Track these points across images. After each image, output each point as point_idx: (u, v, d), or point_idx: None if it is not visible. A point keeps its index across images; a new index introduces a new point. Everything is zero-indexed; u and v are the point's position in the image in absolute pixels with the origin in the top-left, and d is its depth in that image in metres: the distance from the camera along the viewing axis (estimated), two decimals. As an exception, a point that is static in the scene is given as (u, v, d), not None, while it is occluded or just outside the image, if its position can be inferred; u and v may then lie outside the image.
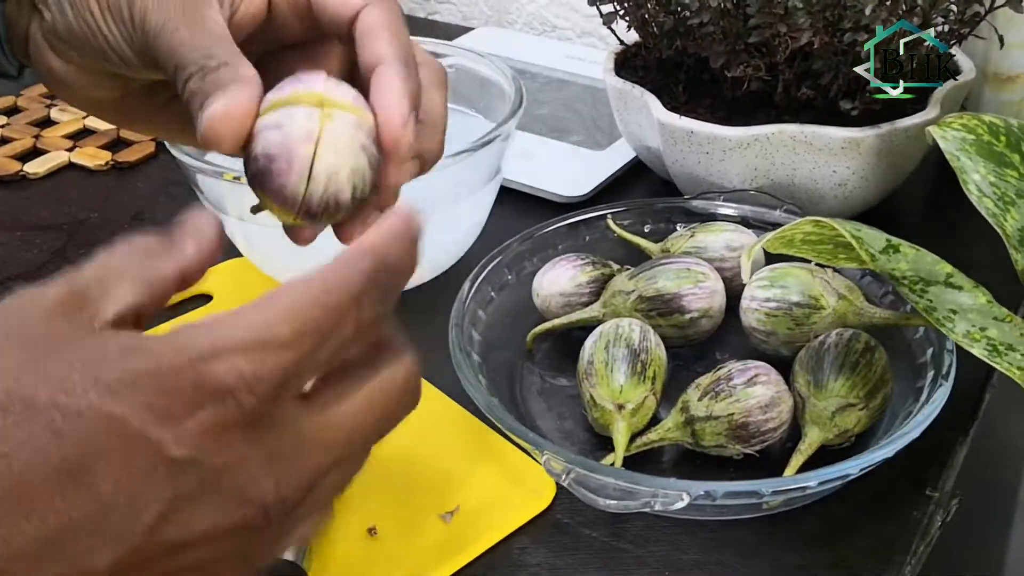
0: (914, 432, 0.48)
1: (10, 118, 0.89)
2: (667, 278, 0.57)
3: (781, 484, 0.47)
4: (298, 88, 0.34)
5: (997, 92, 0.74)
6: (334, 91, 0.34)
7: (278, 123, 0.34)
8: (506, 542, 0.49)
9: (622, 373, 0.52)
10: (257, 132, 0.34)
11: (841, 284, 0.56)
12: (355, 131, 0.34)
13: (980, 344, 0.45)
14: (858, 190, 0.65)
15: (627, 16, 0.69)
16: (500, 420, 0.49)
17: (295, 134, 0.33)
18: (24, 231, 0.74)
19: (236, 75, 0.35)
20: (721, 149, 0.64)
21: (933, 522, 0.50)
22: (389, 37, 0.36)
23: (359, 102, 0.35)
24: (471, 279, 0.59)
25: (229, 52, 0.36)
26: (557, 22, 1.05)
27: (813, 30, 0.60)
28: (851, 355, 0.51)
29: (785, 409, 0.51)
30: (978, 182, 0.52)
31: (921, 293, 0.46)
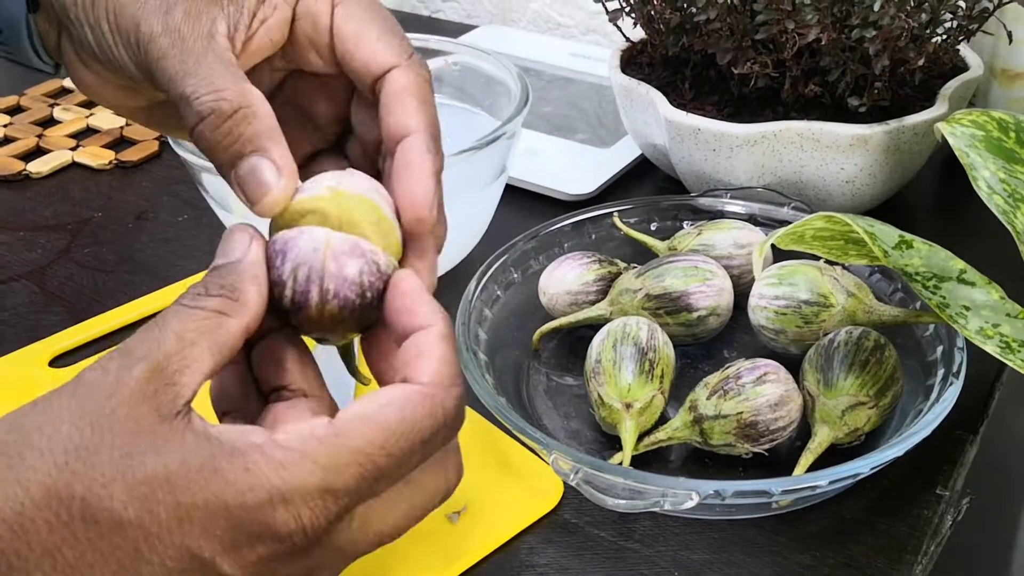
0: (925, 431, 0.48)
1: (13, 117, 0.88)
2: (674, 276, 0.57)
3: (791, 483, 0.46)
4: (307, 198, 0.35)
5: (1006, 88, 0.73)
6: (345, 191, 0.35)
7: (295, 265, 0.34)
8: (513, 542, 0.49)
9: (630, 372, 0.52)
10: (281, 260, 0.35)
11: (850, 282, 0.56)
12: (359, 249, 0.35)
13: (993, 341, 0.45)
14: (866, 187, 0.65)
15: (633, 13, 0.69)
16: (507, 419, 0.49)
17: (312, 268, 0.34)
18: (27, 231, 0.74)
19: (262, 141, 0.35)
20: (728, 146, 0.64)
21: (944, 521, 0.50)
22: (417, 106, 0.36)
23: (372, 193, 0.35)
24: (477, 278, 0.58)
25: (237, 88, 0.35)
26: (561, 19, 1.05)
27: (821, 26, 0.59)
28: (861, 353, 0.51)
29: (794, 408, 0.50)
30: (988, 179, 0.52)
31: (934, 290, 0.46)
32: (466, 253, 0.65)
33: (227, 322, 0.32)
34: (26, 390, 0.58)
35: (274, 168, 0.35)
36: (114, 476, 0.29)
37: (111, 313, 0.64)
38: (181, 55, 0.35)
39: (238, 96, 0.35)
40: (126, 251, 0.71)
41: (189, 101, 0.35)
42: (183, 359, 0.31)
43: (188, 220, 0.74)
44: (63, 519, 0.29)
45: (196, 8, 0.36)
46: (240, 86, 0.35)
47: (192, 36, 0.36)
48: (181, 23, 0.36)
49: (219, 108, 0.35)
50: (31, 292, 0.68)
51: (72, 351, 0.62)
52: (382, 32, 0.37)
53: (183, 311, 0.32)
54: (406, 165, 0.36)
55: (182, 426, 0.30)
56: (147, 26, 0.36)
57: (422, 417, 0.32)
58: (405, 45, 0.37)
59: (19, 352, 0.61)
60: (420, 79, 0.37)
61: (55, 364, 0.61)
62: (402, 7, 1.14)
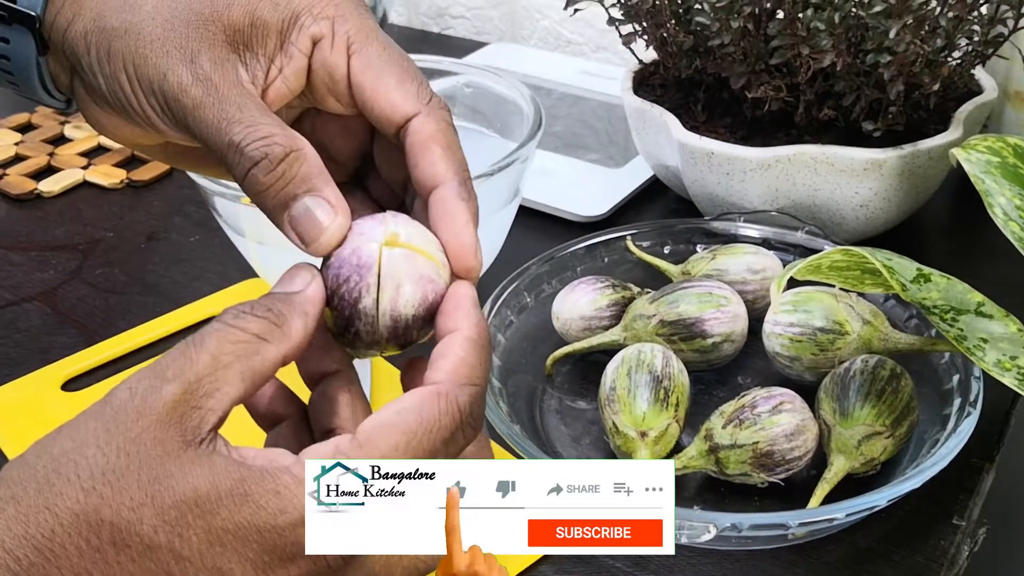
0: (942, 463, 0.47)
1: (24, 135, 0.88)
2: (689, 302, 0.57)
3: (807, 516, 0.46)
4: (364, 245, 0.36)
5: (1019, 111, 0.73)
6: (402, 235, 0.36)
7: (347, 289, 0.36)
8: (529, 572, 0.48)
9: (644, 400, 0.52)
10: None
11: (865, 309, 0.55)
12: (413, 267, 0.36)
13: (1011, 373, 0.45)
14: (880, 211, 0.65)
15: (646, 35, 0.69)
16: (521, 449, 0.49)
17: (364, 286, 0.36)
18: (39, 251, 0.74)
19: (313, 181, 0.36)
20: (742, 170, 0.64)
21: (960, 551, 0.49)
22: (443, 153, 0.36)
23: (425, 242, 0.36)
24: (490, 302, 0.58)
25: (284, 132, 0.35)
26: (572, 37, 1.05)
27: (835, 51, 0.59)
28: (877, 382, 0.51)
29: (810, 437, 0.50)
30: (1004, 205, 0.52)
31: (952, 322, 0.46)
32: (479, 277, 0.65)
33: (265, 348, 0.32)
34: (39, 414, 0.58)
35: (328, 206, 0.35)
36: (143, 501, 0.29)
37: (123, 336, 0.64)
38: (219, 104, 0.36)
39: (288, 140, 0.35)
40: (137, 272, 0.71)
41: (240, 148, 0.35)
42: (214, 381, 0.31)
43: (199, 241, 0.74)
44: (93, 544, 0.29)
45: (219, 56, 0.36)
46: (286, 130, 0.36)
47: (225, 84, 0.36)
48: (211, 71, 0.36)
49: (272, 153, 0.35)
50: (43, 313, 0.68)
51: (84, 374, 0.62)
52: (400, 80, 0.37)
53: (223, 329, 0.32)
54: (444, 215, 0.36)
55: (209, 451, 0.30)
56: (175, 76, 0.36)
57: (439, 415, 0.32)
58: (424, 90, 0.37)
59: (31, 376, 0.61)
60: (442, 124, 0.37)
61: (67, 388, 0.61)
62: (412, 24, 1.14)
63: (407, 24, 1.14)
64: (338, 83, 0.37)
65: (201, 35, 0.36)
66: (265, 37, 0.37)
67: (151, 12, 0.37)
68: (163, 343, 0.64)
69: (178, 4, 0.37)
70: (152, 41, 0.37)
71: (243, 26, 0.37)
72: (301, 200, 0.36)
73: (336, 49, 0.37)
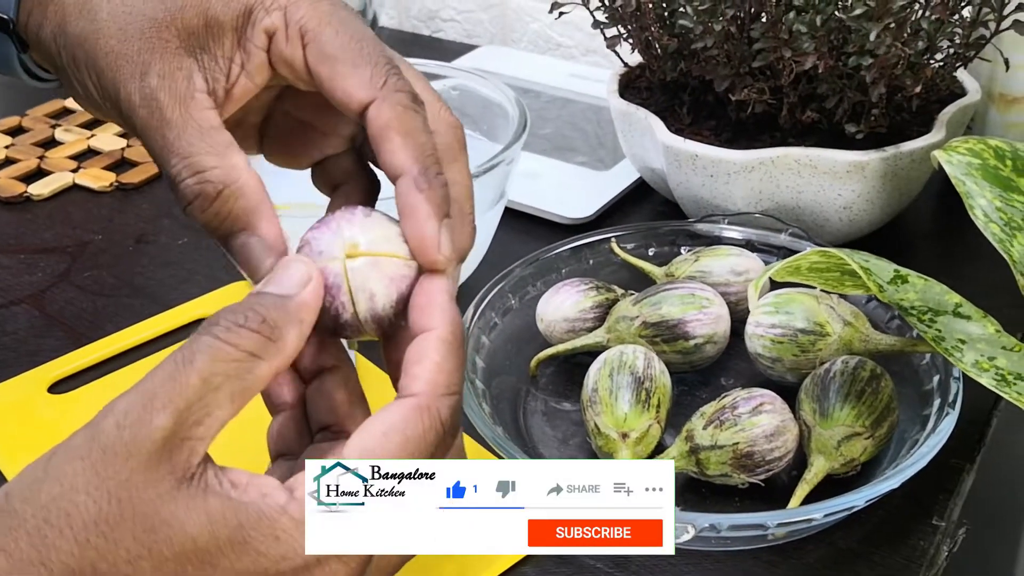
0: (921, 463, 0.48)
1: (15, 138, 0.89)
2: (671, 304, 0.57)
3: (786, 516, 0.46)
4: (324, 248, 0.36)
5: (1003, 113, 0.74)
6: (361, 243, 0.36)
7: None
8: (509, 573, 0.49)
9: (626, 401, 0.52)
10: None
11: (847, 310, 0.56)
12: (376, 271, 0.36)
13: (989, 374, 0.45)
14: (863, 213, 0.65)
15: (631, 39, 0.69)
16: (504, 450, 0.49)
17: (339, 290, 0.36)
18: (28, 253, 0.74)
19: (248, 218, 0.36)
20: (726, 172, 0.64)
21: (940, 552, 0.50)
22: (401, 141, 0.35)
23: (386, 240, 0.36)
24: (474, 305, 0.59)
25: (220, 165, 0.35)
26: (561, 40, 1.05)
27: (817, 54, 0.60)
28: (857, 383, 0.51)
29: (790, 438, 0.51)
30: (984, 207, 0.52)
31: (930, 323, 0.46)
32: (464, 279, 0.65)
33: (258, 367, 0.31)
34: (26, 417, 0.58)
35: (263, 246, 0.35)
36: (140, 553, 0.29)
37: (110, 338, 0.64)
38: (160, 128, 0.35)
39: (222, 175, 0.35)
40: (126, 275, 0.72)
41: (175, 183, 0.35)
42: (204, 407, 0.30)
43: (188, 244, 0.74)
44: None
45: (171, 66, 0.36)
46: (223, 161, 0.35)
47: (170, 104, 0.35)
48: (157, 88, 0.35)
49: (204, 191, 0.35)
50: (31, 316, 0.68)
51: (71, 377, 0.62)
52: (354, 65, 0.36)
53: (215, 345, 0.31)
54: (404, 209, 0.35)
55: (201, 489, 0.30)
56: (125, 93, 0.36)
57: (424, 432, 0.32)
58: (380, 72, 0.36)
59: (18, 378, 0.61)
60: (398, 108, 0.35)
61: (54, 390, 0.61)
62: (403, 27, 1.14)
63: (398, 27, 1.14)
64: (299, 73, 0.37)
65: (154, 45, 0.36)
66: (221, 36, 0.36)
67: (107, 19, 0.37)
68: (151, 345, 0.64)
69: (131, 9, 0.36)
70: (107, 53, 0.36)
71: (197, 28, 0.36)
72: (238, 237, 0.35)
73: (291, 40, 0.36)
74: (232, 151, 0.36)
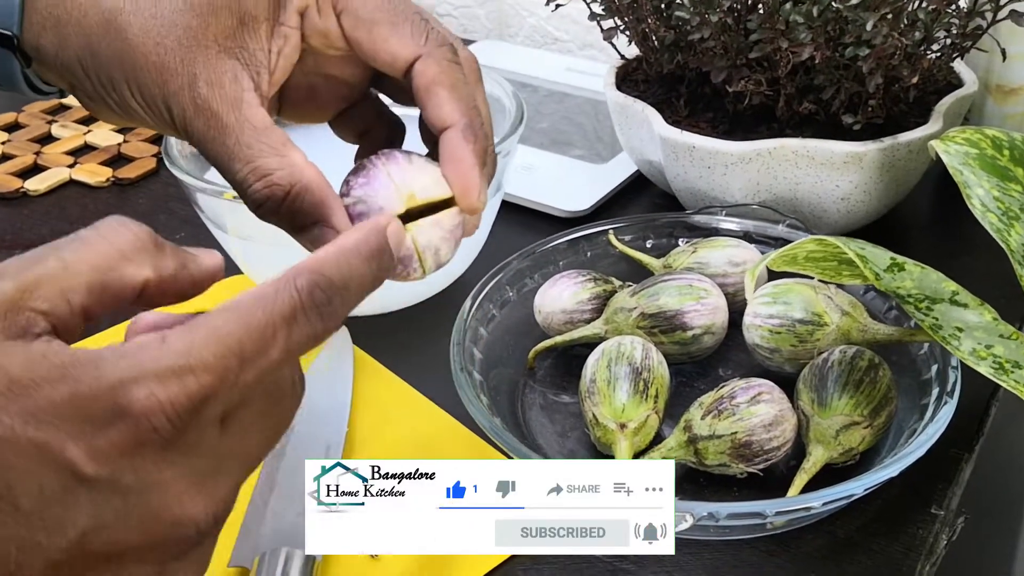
0: (919, 451, 0.48)
1: (11, 134, 0.89)
2: (669, 295, 0.57)
3: (785, 505, 0.46)
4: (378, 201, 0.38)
5: (1000, 104, 0.74)
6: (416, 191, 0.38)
7: None
8: (509, 563, 0.49)
9: (624, 392, 0.52)
10: None
11: (844, 300, 0.56)
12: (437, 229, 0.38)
13: (986, 362, 0.45)
14: (861, 204, 0.65)
15: (627, 31, 0.69)
16: (502, 440, 0.49)
17: None
18: (25, 249, 0.74)
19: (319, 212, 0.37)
20: (723, 164, 0.64)
21: (939, 541, 0.50)
22: (448, 95, 0.37)
23: (435, 183, 0.38)
24: (472, 297, 0.58)
25: (283, 164, 0.36)
26: (558, 34, 1.05)
27: (814, 45, 0.60)
28: (855, 373, 0.51)
29: (789, 428, 0.50)
30: (982, 197, 0.52)
31: (927, 311, 0.46)
32: (461, 272, 0.65)
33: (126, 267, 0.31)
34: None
35: (335, 234, 0.37)
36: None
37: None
38: (220, 136, 0.36)
39: (287, 176, 0.36)
40: (123, 269, 0.72)
41: (243, 188, 0.37)
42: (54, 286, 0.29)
43: (185, 238, 0.74)
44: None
45: (217, 71, 0.36)
46: (285, 161, 0.36)
47: (224, 109, 0.36)
48: (209, 97, 0.36)
49: (273, 194, 0.36)
50: (28, 311, 0.68)
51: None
52: (393, 25, 0.38)
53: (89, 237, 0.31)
54: (451, 159, 0.37)
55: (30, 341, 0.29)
56: (178, 107, 0.37)
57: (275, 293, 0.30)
58: (419, 29, 0.38)
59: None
60: (444, 63, 0.38)
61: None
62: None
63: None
64: (335, 42, 0.39)
65: (195, 55, 0.36)
66: (256, 30, 0.37)
67: (140, 35, 0.37)
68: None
69: (162, 22, 0.37)
70: (149, 69, 0.37)
71: (233, 28, 0.37)
72: (312, 230, 0.37)
73: (323, 12, 0.38)
74: (290, 148, 0.37)
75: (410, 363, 0.60)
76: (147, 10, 0.37)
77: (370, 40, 0.38)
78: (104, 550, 0.29)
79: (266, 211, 0.37)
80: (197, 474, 0.30)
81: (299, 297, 0.30)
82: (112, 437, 0.28)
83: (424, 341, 0.62)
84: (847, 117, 0.63)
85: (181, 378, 0.28)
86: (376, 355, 0.61)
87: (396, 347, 0.62)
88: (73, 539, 0.28)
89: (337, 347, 0.60)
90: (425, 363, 0.60)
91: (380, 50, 0.38)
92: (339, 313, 0.31)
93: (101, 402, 0.28)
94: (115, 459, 0.28)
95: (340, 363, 0.59)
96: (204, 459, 0.30)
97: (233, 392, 0.29)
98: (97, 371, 0.28)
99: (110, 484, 0.28)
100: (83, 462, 0.28)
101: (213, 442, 0.30)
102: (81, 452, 0.28)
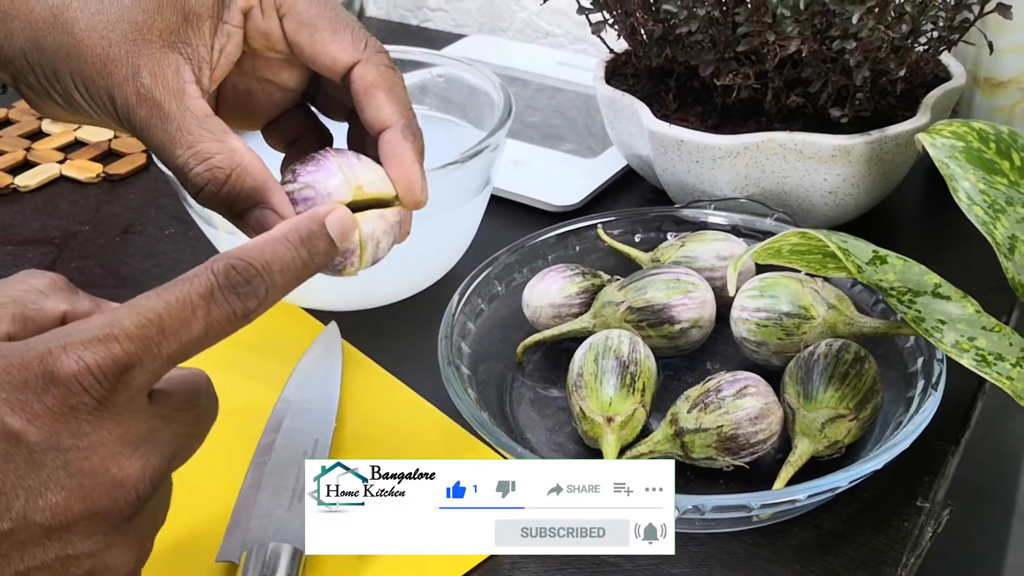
0: (904, 443, 0.48)
1: (1, 130, 0.88)
2: (657, 288, 0.57)
3: (770, 498, 0.46)
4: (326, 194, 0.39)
5: (988, 97, 0.74)
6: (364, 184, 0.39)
7: None
8: (496, 558, 0.49)
9: (611, 385, 0.52)
10: None
11: (831, 294, 0.56)
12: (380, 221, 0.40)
13: (969, 354, 0.45)
14: (849, 197, 0.65)
15: (616, 25, 0.69)
16: (490, 435, 0.49)
17: None
18: (15, 245, 0.74)
19: (259, 194, 0.38)
20: (711, 158, 0.64)
21: (924, 533, 0.50)
22: (387, 97, 0.39)
23: (380, 179, 0.40)
24: (460, 291, 0.59)
25: (223, 149, 0.37)
26: (550, 29, 1.05)
27: (801, 38, 0.60)
28: (841, 365, 0.51)
29: (775, 420, 0.51)
30: (968, 190, 0.52)
31: (909, 304, 0.46)
32: (450, 266, 0.65)
33: (43, 301, 0.33)
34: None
35: (276, 217, 0.38)
36: None
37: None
38: (162, 123, 0.37)
39: (228, 160, 0.37)
40: (113, 265, 0.72)
41: (185, 173, 0.38)
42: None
43: (175, 234, 0.74)
44: None
45: (160, 63, 0.37)
46: (224, 146, 0.37)
47: (166, 99, 0.37)
48: (152, 87, 0.37)
49: (214, 177, 0.37)
50: (18, 307, 0.68)
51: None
52: (333, 31, 0.39)
53: (9, 281, 0.33)
54: (393, 156, 0.39)
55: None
56: (121, 97, 0.38)
57: (195, 274, 0.33)
58: (359, 36, 0.40)
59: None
60: (382, 68, 0.40)
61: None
62: (391, 17, 1.14)
63: (385, 16, 1.14)
64: (276, 44, 0.40)
65: (139, 47, 0.37)
66: (200, 27, 0.38)
67: (86, 30, 0.38)
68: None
69: (109, 17, 0.38)
70: (94, 61, 0.38)
71: (177, 24, 0.38)
72: (252, 213, 0.38)
73: (266, 13, 0.39)
74: (228, 135, 0.38)
75: (398, 358, 0.60)
76: (94, 5, 0.38)
77: (311, 44, 0.40)
78: (48, 521, 0.30)
79: (207, 195, 0.38)
80: (131, 436, 0.31)
81: (215, 278, 0.32)
82: (47, 402, 0.30)
83: (412, 336, 0.62)
84: (835, 110, 0.63)
85: (105, 344, 0.30)
86: (364, 349, 0.61)
87: (384, 342, 0.62)
88: (18, 510, 0.29)
89: (325, 341, 0.60)
90: (413, 357, 0.60)
91: (321, 54, 0.40)
92: (261, 294, 0.33)
93: (32, 370, 0.30)
94: (52, 421, 0.30)
95: (328, 358, 0.59)
96: (136, 424, 0.31)
97: (156, 362, 0.31)
98: (26, 346, 0.30)
99: (51, 446, 0.30)
100: (22, 426, 0.29)
101: (142, 410, 0.32)
102: (19, 418, 0.29)
